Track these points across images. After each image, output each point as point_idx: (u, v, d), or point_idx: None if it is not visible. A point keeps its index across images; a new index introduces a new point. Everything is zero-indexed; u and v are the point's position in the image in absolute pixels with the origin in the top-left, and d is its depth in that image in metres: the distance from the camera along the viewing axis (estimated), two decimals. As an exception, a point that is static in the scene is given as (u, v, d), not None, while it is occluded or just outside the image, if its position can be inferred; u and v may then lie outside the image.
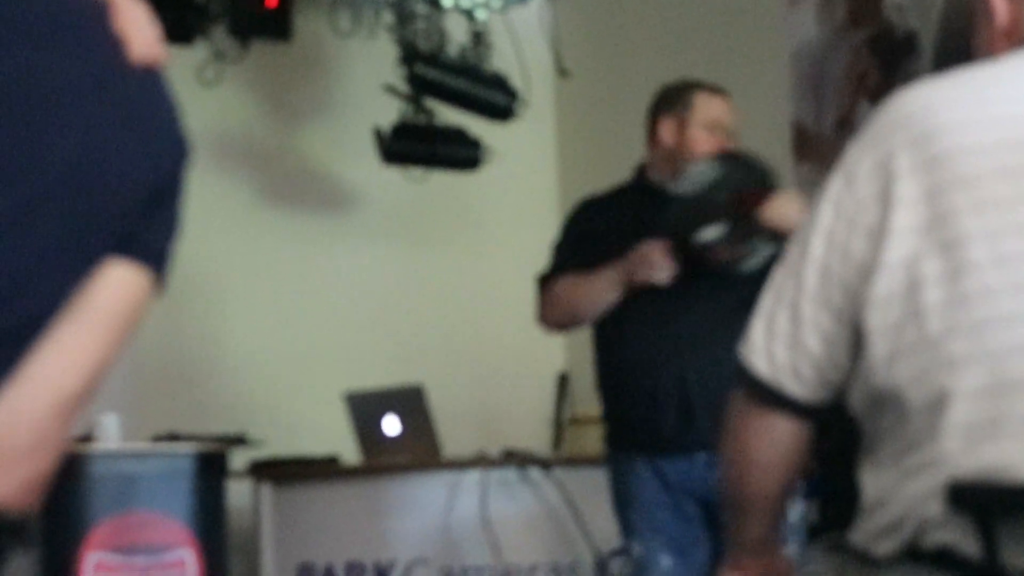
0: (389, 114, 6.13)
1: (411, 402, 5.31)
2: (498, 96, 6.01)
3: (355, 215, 6.64)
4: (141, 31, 1.50)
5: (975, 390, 1.70)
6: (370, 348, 6.43)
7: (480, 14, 6.06)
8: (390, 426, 5.32)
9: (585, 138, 6.84)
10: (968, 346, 1.71)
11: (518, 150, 6.54)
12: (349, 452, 5.50)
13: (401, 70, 6.04)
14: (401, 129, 6.11)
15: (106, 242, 1.45)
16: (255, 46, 6.24)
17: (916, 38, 5.08)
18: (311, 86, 6.59)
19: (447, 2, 5.95)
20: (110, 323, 1.46)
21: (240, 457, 5.40)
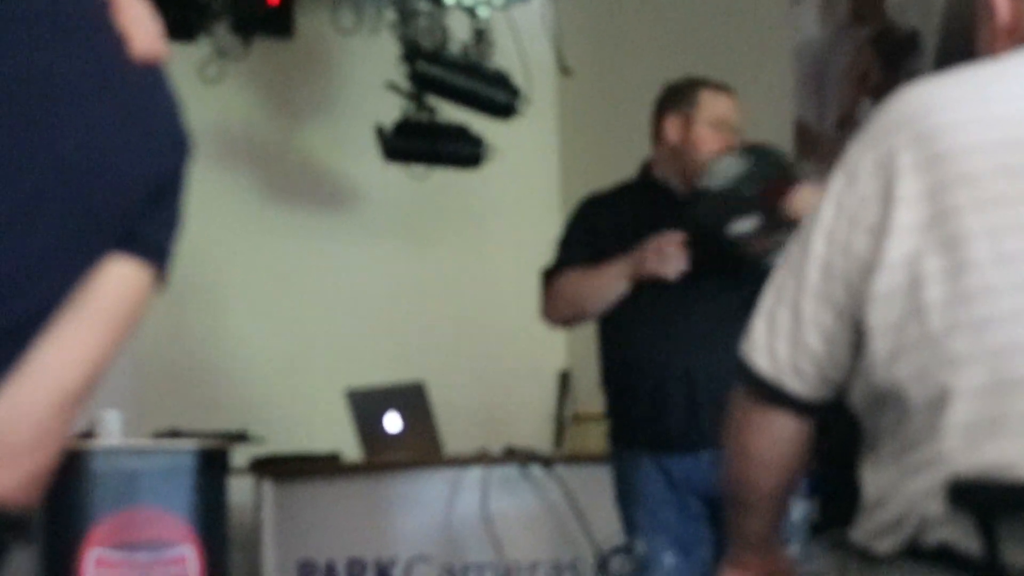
0: (391, 111, 6.13)
1: (412, 399, 5.31)
2: (500, 93, 6.00)
3: (357, 212, 6.63)
4: (143, 28, 1.50)
5: (976, 388, 1.70)
6: (372, 345, 6.43)
7: (482, 11, 6.06)
8: (391, 423, 5.31)
9: (587, 135, 6.83)
10: (969, 344, 1.71)
11: (520, 147, 6.54)
12: (350, 449, 5.50)
13: (403, 67, 6.04)
14: (403, 126, 6.11)
15: (108, 239, 1.45)
16: (257, 43, 6.23)
17: (918, 36, 5.08)
18: (313, 83, 6.59)
19: (449, -1, 5.96)
20: (111, 320, 1.46)
21: (241, 454, 5.41)
